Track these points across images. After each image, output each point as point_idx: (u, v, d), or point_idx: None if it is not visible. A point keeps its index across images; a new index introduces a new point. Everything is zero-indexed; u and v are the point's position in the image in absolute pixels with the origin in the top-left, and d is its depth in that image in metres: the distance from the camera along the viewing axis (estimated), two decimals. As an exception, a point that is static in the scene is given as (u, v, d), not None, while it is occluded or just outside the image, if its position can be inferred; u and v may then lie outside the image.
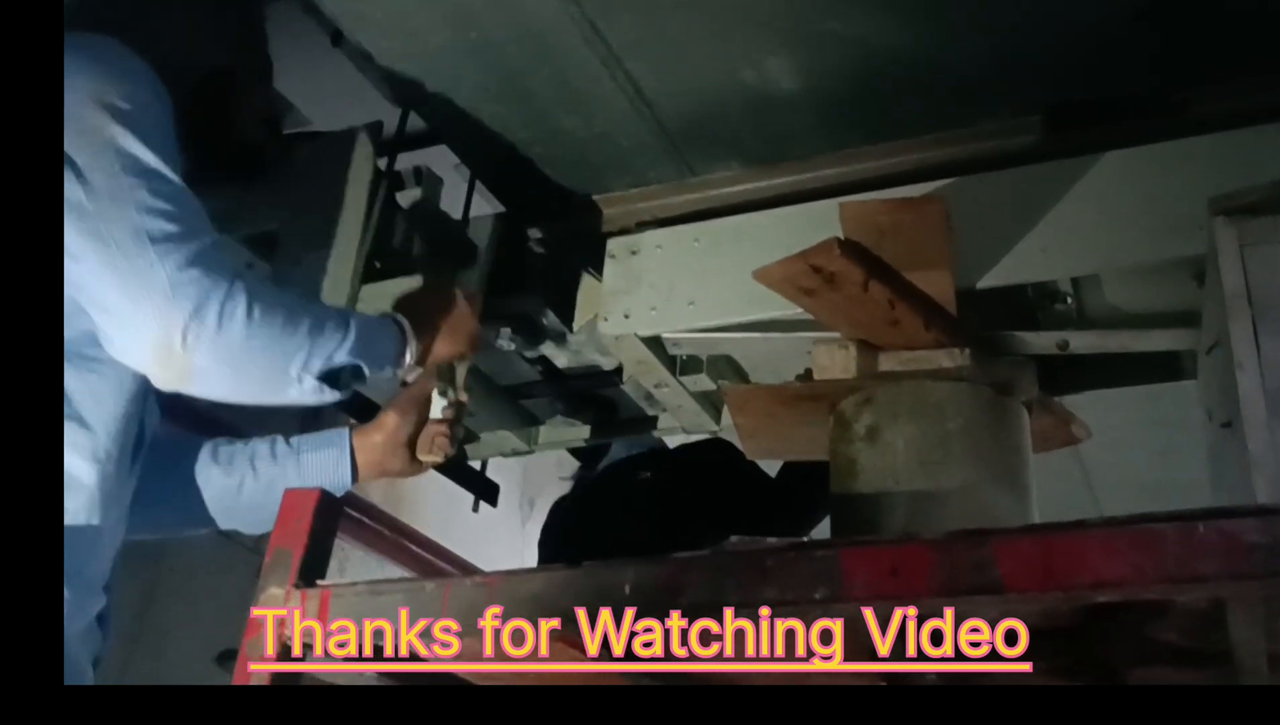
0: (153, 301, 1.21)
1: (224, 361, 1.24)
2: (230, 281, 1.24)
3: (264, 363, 1.28)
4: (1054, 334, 1.53)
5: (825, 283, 1.41)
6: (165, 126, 1.32)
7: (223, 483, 1.56)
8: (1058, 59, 1.50)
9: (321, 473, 1.57)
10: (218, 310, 1.22)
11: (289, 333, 1.29)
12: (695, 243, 1.67)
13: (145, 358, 1.24)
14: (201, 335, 1.22)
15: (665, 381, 1.74)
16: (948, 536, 1.00)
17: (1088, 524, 0.96)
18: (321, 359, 1.31)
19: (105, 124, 1.25)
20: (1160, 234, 1.44)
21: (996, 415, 1.47)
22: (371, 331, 1.39)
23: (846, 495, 1.46)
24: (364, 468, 1.59)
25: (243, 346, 1.24)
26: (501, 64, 1.59)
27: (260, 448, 1.58)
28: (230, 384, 1.30)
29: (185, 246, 1.23)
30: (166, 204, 1.25)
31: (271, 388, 1.32)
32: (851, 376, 1.48)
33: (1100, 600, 0.96)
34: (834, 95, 1.57)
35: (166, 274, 1.21)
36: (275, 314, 1.28)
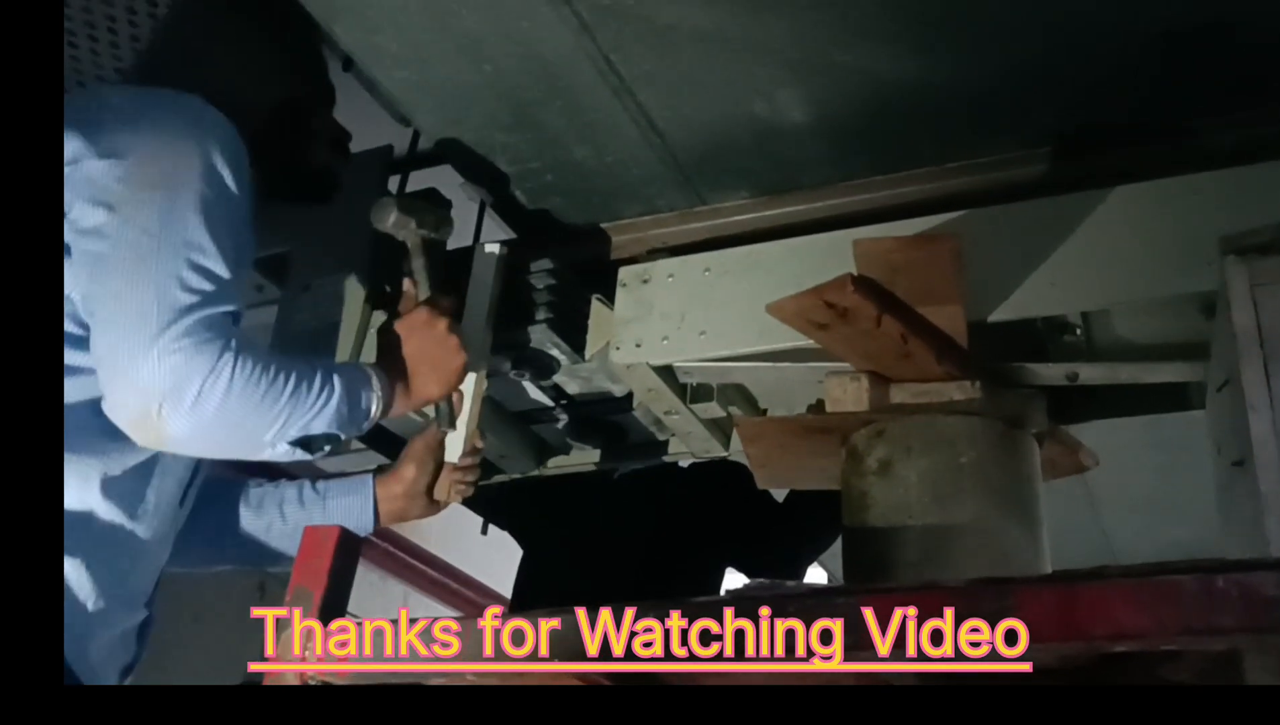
0: (140, 370, 1.23)
1: (197, 432, 1.27)
2: (219, 355, 1.25)
3: (237, 433, 1.30)
4: (1064, 366, 1.54)
5: (838, 317, 1.42)
6: (238, 197, 1.34)
7: (253, 525, 1.63)
8: (1068, 90, 1.51)
9: (346, 519, 1.61)
10: (197, 388, 1.24)
11: (267, 406, 1.30)
12: (706, 272, 1.68)
13: (124, 419, 1.27)
14: (177, 409, 1.24)
15: (676, 409, 1.75)
16: (969, 585, 1.02)
17: (1107, 573, 0.97)
18: (297, 428, 1.33)
19: (173, 189, 1.28)
20: (1170, 269, 1.45)
21: (1008, 448, 1.48)
22: (354, 393, 1.38)
23: (859, 528, 1.47)
24: (385, 515, 1.66)
25: (215, 420, 1.26)
26: (514, 95, 1.60)
27: (289, 492, 1.64)
28: (202, 449, 1.35)
29: (188, 317, 1.25)
30: (191, 273, 1.27)
31: (244, 452, 1.34)
32: (863, 409, 1.49)
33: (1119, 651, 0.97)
34: (844, 126, 1.58)
35: (161, 345, 1.23)
36: (257, 387, 1.28)
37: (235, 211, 1.34)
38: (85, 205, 1.27)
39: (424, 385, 1.49)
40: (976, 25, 1.41)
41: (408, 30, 1.50)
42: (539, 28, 1.45)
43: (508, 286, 1.70)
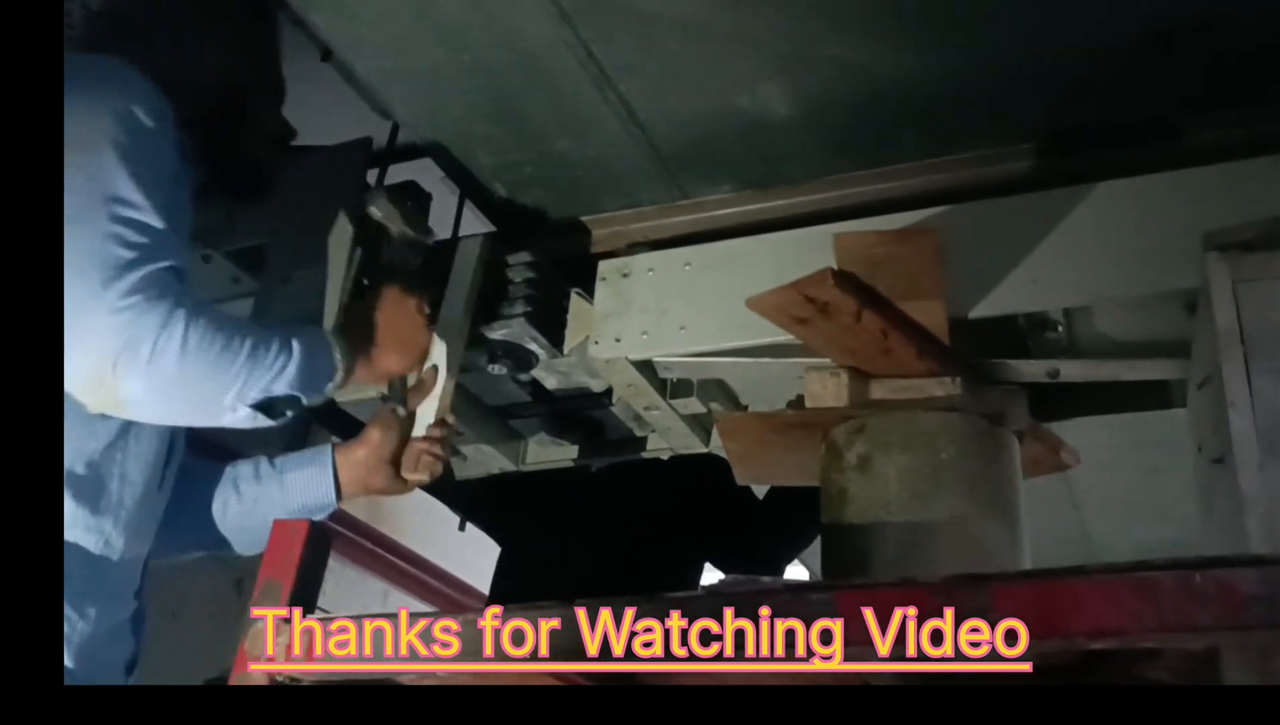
0: (89, 329, 1.20)
1: (154, 392, 1.23)
2: (170, 311, 1.22)
3: (195, 394, 1.27)
4: (1045, 363, 1.53)
5: (818, 312, 1.40)
6: (160, 151, 1.31)
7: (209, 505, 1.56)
8: (1053, 87, 1.51)
9: (305, 491, 1.56)
10: (151, 342, 1.21)
11: (224, 365, 1.27)
12: (687, 267, 1.66)
13: (76, 382, 1.23)
14: (133, 366, 1.20)
15: (655, 404, 1.73)
16: (947, 581, 1.00)
17: (1085, 570, 0.97)
18: (257, 390, 1.30)
19: (92, 145, 1.24)
20: (1152, 266, 1.44)
21: (988, 445, 1.47)
22: (314, 357, 1.36)
23: (838, 524, 1.46)
24: (347, 485, 1.57)
25: (173, 379, 1.23)
26: (494, 85, 1.58)
27: (244, 469, 1.58)
28: (158, 413, 1.30)
29: (131, 273, 1.21)
30: (125, 229, 1.23)
31: (203, 416, 1.31)
32: (843, 405, 1.48)
33: (1096, 648, 0.96)
34: (828, 121, 1.57)
35: (108, 303, 1.19)
36: (212, 345, 1.25)
37: (162, 166, 1.30)
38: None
39: (388, 358, 1.50)
40: (961, 21, 1.40)
41: (387, 19, 1.49)
42: (519, 17, 1.44)
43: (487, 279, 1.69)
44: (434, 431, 1.57)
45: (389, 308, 1.52)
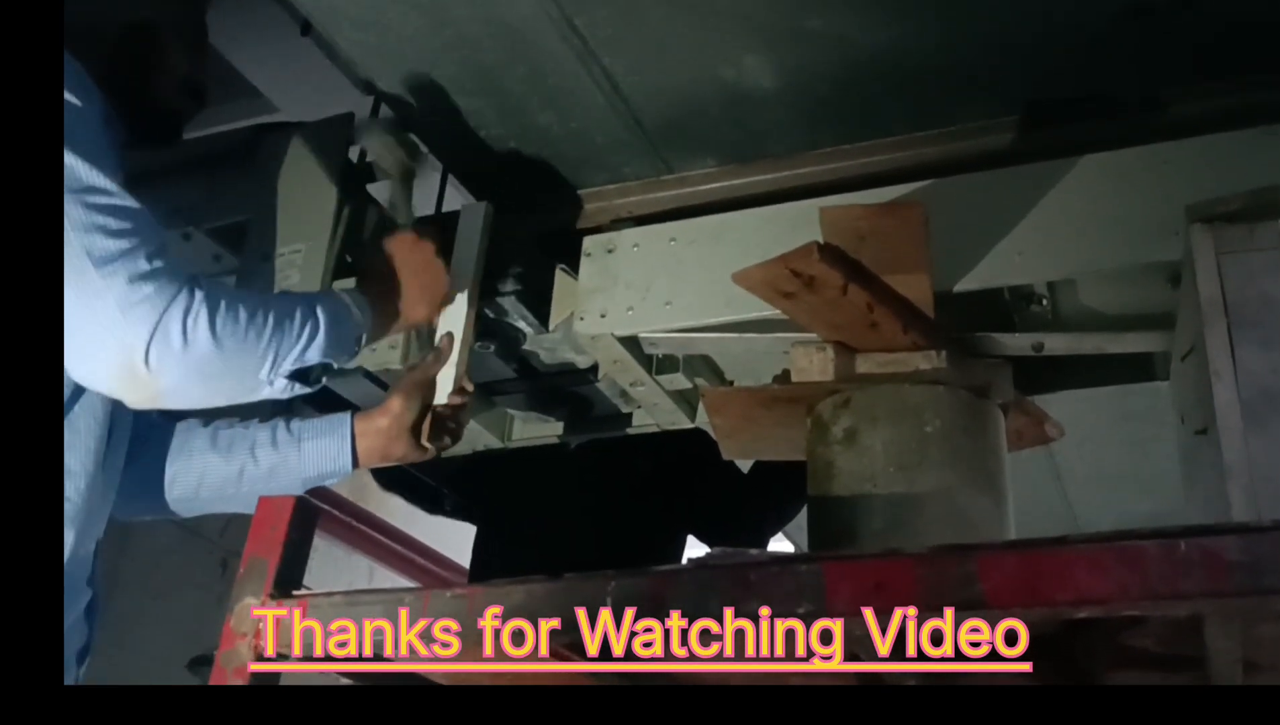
0: (106, 326, 1.17)
1: (192, 377, 1.21)
2: (188, 292, 1.20)
3: (233, 371, 1.25)
4: (1029, 336, 1.53)
5: (804, 286, 1.40)
6: (93, 125, 1.26)
7: (223, 470, 1.55)
8: (1037, 58, 1.50)
9: (322, 460, 1.55)
10: (180, 326, 1.18)
11: (255, 336, 1.25)
12: (672, 242, 1.66)
13: (109, 384, 1.21)
14: (166, 354, 1.18)
15: (641, 380, 1.73)
16: (932, 551, 1.01)
17: (1071, 540, 0.97)
18: (289, 360, 1.28)
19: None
20: (1136, 239, 1.44)
21: (974, 418, 1.48)
22: (338, 321, 1.35)
23: (824, 498, 1.46)
24: (365, 453, 1.56)
25: (210, 359, 1.21)
26: (476, 59, 1.57)
27: (261, 435, 1.56)
28: (200, 397, 1.27)
29: (132, 262, 1.18)
30: (106, 218, 1.19)
31: (242, 393, 1.29)
32: (829, 379, 1.48)
33: (1082, 616, 0.97)
34: (813, 93, 1.57)
35: (115, 296, 1.16)
36: (237, 318, 1.23)
37: (104, 141, 1.26)
38: None
39: (412, 306, 1.49)
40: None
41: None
42: (501, -11, 1.43)
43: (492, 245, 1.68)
44: (454, 398, 1.56)
45: (405, 254, 1.50)
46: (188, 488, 1.54)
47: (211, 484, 1.54)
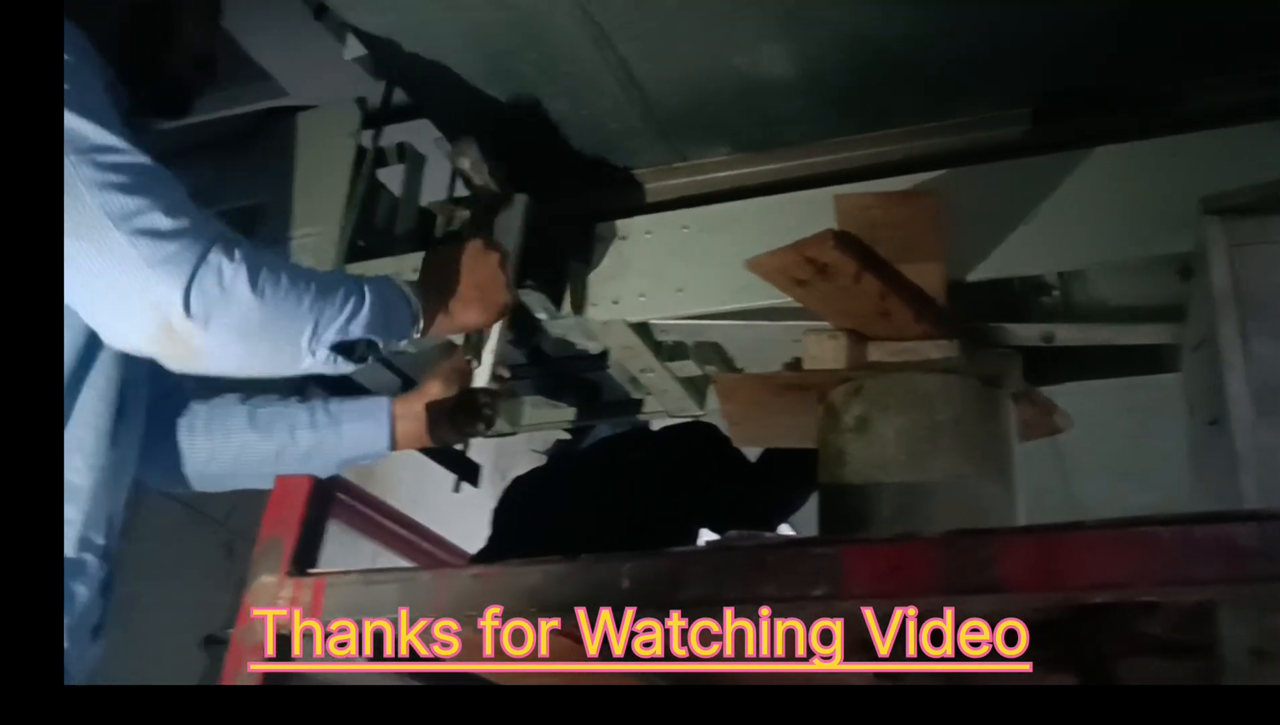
0: (136, 284, 1.14)
1: (233, 331, 1.19)
2: (224, 243, 1.17)
3: (273, 332, 1.22)
4: (1040, 326, 1.54)
5: (818, 273, 1.41)
6: (96, 88, 1.24)
7: (261, 449, 1.54)
8: (1050, 50, 1.51)
9: (361, 442, 1.55)
10: (217, 277, 1.16)
11: (296, 298, 1.22)
12: (685, 229, 1.66)
13: (146, 343, 1.19)
14: (206, 305, 1.15)
15: (651, 367, 1.74)
16: (948, 535, 1.01)
17: (1087, 525, 0.97)
18: (332, 330, 1.26)
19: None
20: (1148, 230, 1.45)
21: (984, 407, 1.49)
22: (387, 301, 1.33)
23: (835, 485, 1.47)
24: (403, 436, 1.57)
25: (249, 315, 1.18)
26: (491, 44, 1.57)
27: (300, 416, 1.55)
28: (239, 357, 1.24)
29: (153, 216, 1.16)
30: (121, 176, 1.16)
31: (282, 360, 1.27)
32: (841, 366, 1.49)
33: (1097, 601, 0.98)
34: (826, 83, 1.57)
35: (141, 252, 1.14)
36: (278, 277, 1.21)
37: (106, 102, 1.24)
38: None
39: (469, 311, 1.48)
40: (960, -16, 1.40)
41: (383, -26, 1.47)
42: (518, -26, 1.43)
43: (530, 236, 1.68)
44: (490, 384, 1.57)
45: (472, 260, 1.49)
46: (224, 465, 1.54)
47: (249, 462, 1.53)
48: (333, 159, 1.85)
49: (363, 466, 1.62)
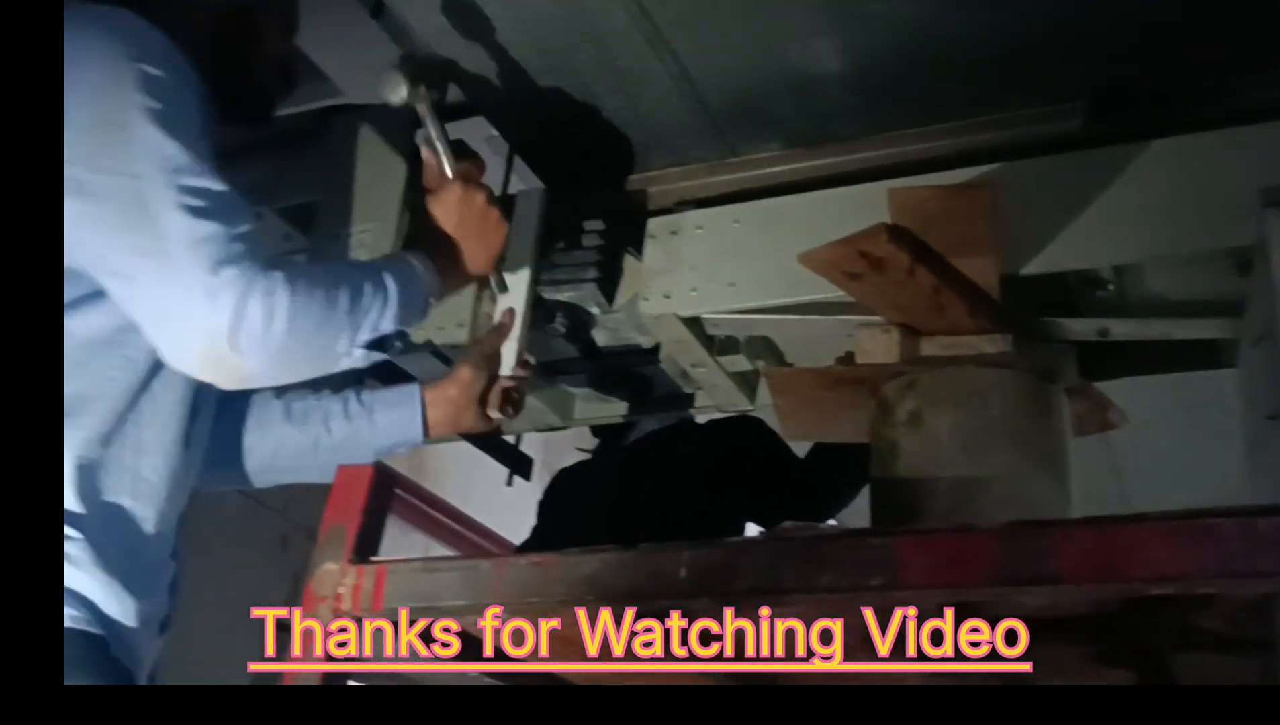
0: (193, 312, 1.19)
1: (275, 358, 1.23)
2: (267, 274, 1.21)
3: (312, 349, 1.28)
4: (1095, 321, 1.53)
5: (871, 267, 1.41)
6: (189, 106, 1.28)
7: (298, 441, 1.59)
8: (1105, 43, 1.50)
9: (395, 430, 1.59)
10: (261, 311, 1.20)
11: (330, 314, 1.27)
12: (736, 224, 1.67)
13: (196, 367, 1.24)
14: (250, 339, 1.20)
15: (702, 361, 1.75)
16: (1007, 527, 1.02)
17: (1147, 517, 0.98)
18: (366, 331, 1.31)
19: (127, 121, 1.20)
20: (1206, 224, 1.43)
21: (1039, 402, 1.48)
22: (406, 286, 1.37)
23: (888, 479, 1.47)
24: (435, 424, 1.60)
25: (289, 340, 1.23)
26: (547, 41, 1.59)
27: (334, 407, 1.60)
28: (282, 376, 1.31)
29: (218, 246, 1.20)
30: (197, 200, 1.21)
31: (322, 367, 1.32)
32: (893, 361, 1.49)
33: (1155, 593, 0.98)
34: (879, 77, 1.57)
35: (201, 281, 1.18)
36: (315, 297, 1.26)
37: (193, 121, 1.28)
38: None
39: (473, 260, 1.50)
40: (1015, -23, 1.40)
41: (439, -27, 1.49)
42: (573, -29, 1.44)
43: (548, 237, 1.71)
44: (517, 371, 1.61)
45: (459, 210, 1.50)
46: (263, 458, 1.58)
47: (287, 454, 1.58)
48: (388, 156, 1.87)
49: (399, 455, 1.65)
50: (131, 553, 1.26)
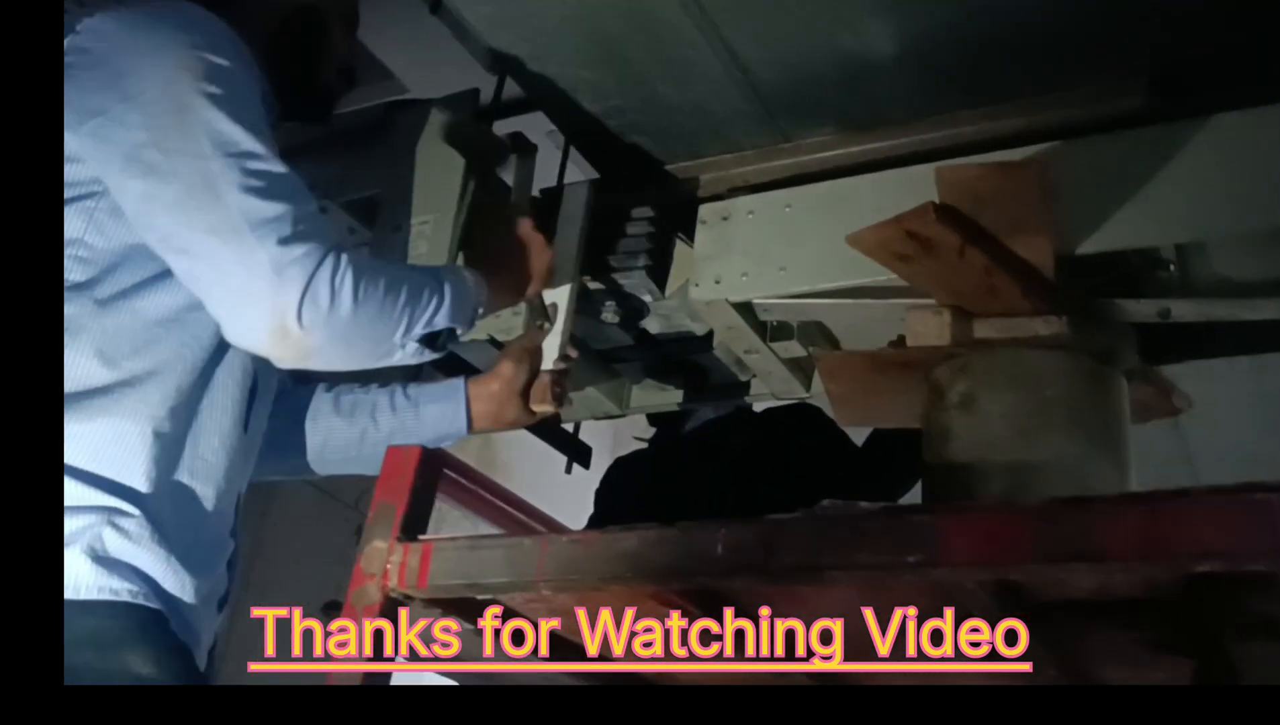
0: (261, 287, 1.23)
1: (337, 337, 1.28)
2: (336, 254, 1.26)
3: (372, 333, 1.32)
4: (1155, 302, 1.49)
5: (920, 248, 1.39)
6: (253, 95, 1.33)
7: (346, 433, 1.64)
8: (1167, 19, 1.46)
9: (440, 423, 1.64)
10: (329, 288, 1.24)
11: (391, 302, 1.32)
12: (787, 209, 1.66)
13: (263, 342, 1.28)
14: (316, 314, 1.24)
15: (755, 347, 1.74)
16: (1047, 503, 1.00)
17: (1192, 493, 0.95)
18: (421, 325, 1.35)
19: (195, 106, 1.25)
20: (1273, 201, 1.39)
21: (1096, 384, 1.45)
22: (459, 293, 1.42)
23: (941, 464, 1.45)
24: (479, 418, 1.65)
25: (353, 320, 1.27)
26: (599, 30, 1.60)
27: (381, 400, 1.65)
28: (341, 357, 1.34)
29: (284, 225, 1.24)
30: (261, 182, 1.26)
31: (378, 356, 1.36)
32: (946, 343, 1.47)
33: (1202, 570, 0.95)
34: (933, 58, 1.55)
35: (269, 257, 1.22)
36: (377, 284, 1.30)
37: (257, 110, 1.32)
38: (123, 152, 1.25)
39: (520, 282, 1.57)
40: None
41: (492, -36, 1.52)
42: (621, -42, 1.45)
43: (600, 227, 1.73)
44: (559, 364, 1.64)
45: (505, 231, 1.59)
46: (313, 449, 1.64)
47: (335, 446, 1.63)
48: (447, 149, 1.90)
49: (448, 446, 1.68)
50: (190, 530, 1.30)
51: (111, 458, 1.23)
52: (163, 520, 1.25)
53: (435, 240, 1.85)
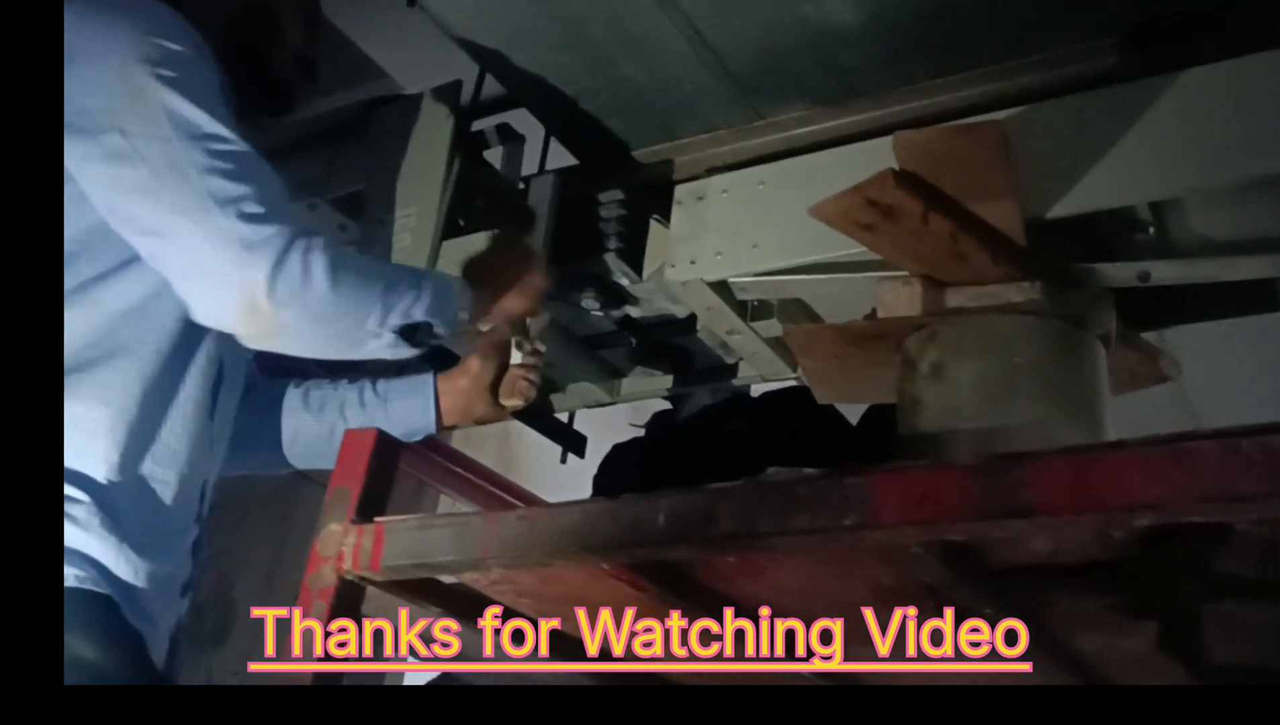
0: (230, 262, 1.25)
1: (308, 316, 1.29)
2: (308, 236, 1.28)
3: (345, 316, 1.32)
4: (1134, 265, 1.45)
5: (883, 216, 1.37)
6: (210, 81, 1.35)
7: (315, 429, 1.66)
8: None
9: (409, 418, 1.65)
10: (300, 264, 1.26)
11: (365, 287, 1.33)
12: (761, 186, 1.65)
13: (231, 319, 1.29)
14: (289, 289, 1.25)
15: (737, 328, 1.73)
16: (982, 460, 0.97)
17: (1126, 444, 0.92)
18: (397, 314, 1.35)
19: (153, 90, 1.27)
20: (1249, 152, 1.34)
21: (1068, 349, 1.41)
22: (442, 290, 1.42)
23: (911, 436, 1.43)
24: (448, 413, 1.66)
25: (327, 298, 1.28)
26: (563, 12, 1.60)
27: (350, 396, 1.67)
28: (312, 338, 1.35)
29: (252, 203, 1.27)
30: (227, 163, 1.28)
31: (351, 342, 1.36)
32: (917, 313, 1.44)
33: (1138, 523, 0.92)
34: (897, 25, 1.52)
35: (238, 234, 1.24)
36: (352, 267, 1.32)
37: (215, 94, 1.34)
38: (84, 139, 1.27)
39: (509, 299, 1.56)
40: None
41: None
42: (576, -64, 1.45)
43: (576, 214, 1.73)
44: (528, 359, 1.64)
45: (504, 252, 1.60)
46: (285, 443, 1.66)
47: (304, 441, 1.65)
48: (431, 142, 1.91)
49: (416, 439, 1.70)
50: (149, 515, 1.31)
51: (68, 444, 1.25)
52: (116, 506, 1.27)
53: (419, 232, 1.86)
